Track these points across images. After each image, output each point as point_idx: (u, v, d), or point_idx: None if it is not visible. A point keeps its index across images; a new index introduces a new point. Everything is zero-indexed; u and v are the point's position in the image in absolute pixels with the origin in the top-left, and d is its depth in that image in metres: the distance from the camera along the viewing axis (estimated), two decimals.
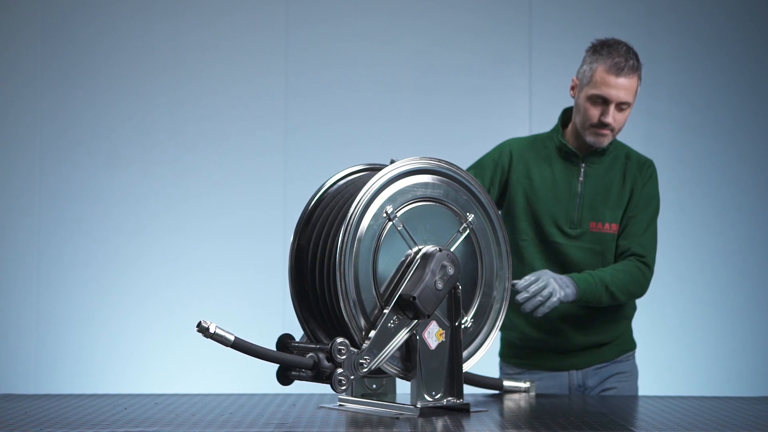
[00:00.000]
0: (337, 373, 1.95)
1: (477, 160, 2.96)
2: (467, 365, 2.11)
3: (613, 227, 2.88)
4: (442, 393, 2.05)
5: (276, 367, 2.04)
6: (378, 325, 1.98)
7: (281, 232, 4.53)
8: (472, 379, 2.35)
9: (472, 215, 2.12)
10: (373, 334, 1.98)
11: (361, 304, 1.99)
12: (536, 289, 2.60)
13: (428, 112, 4.67)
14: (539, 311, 2.61)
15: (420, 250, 2.04)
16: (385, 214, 2.02)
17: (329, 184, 2.17)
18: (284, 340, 2.09)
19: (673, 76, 4.65)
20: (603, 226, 2.88)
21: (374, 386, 2.16)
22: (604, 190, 2.89)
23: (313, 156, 4.60)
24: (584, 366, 2.89)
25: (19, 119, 4.65)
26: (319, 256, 2.06)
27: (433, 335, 2.04)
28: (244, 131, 4.65)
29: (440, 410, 2.06)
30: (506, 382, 2.43)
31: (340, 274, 1.97)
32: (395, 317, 2.00)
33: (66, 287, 4.59)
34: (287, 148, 4.64)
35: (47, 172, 4.62)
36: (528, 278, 2.62)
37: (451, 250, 2.07)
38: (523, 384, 2.45)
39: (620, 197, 2.90)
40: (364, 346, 1.97)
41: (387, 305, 2.00)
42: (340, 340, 1.96)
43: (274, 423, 1.94)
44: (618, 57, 2.77)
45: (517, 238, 2.87)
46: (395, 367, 2.03)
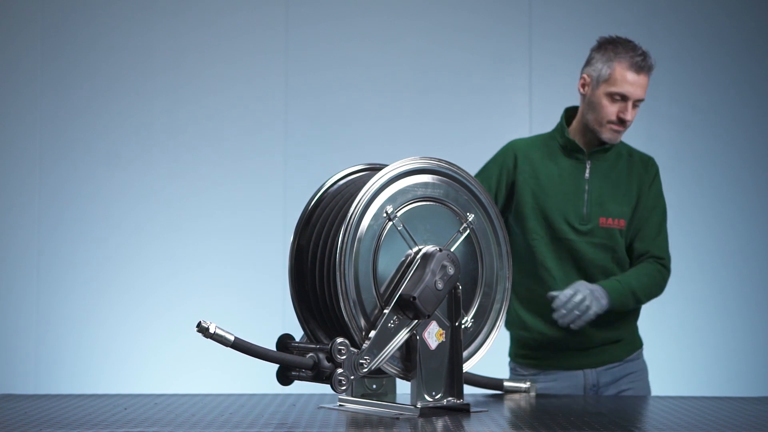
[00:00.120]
0: (337, 374, 1.95)
1: (482, 166, 2.99)
2: (467, 365, 2.11)
3: (621, 223, 2.91)
4: (442, 393, 2.05)
5: (276, 367, 2.03)
6: (378, 325, 1.98)
7: (281, 232, 4.53)
8: (473, 379, 2.35)
9: (473, 215, 2.12)
10: (373, 334, 1.98)
11: (361, 304, 1.99)
12: (573, 305, 2.68)
13: (428, 112, 4.67)
14: (575, 324, 2.70)
15: (420, 250, 2.04)
16: (385, 214, 2.02)
17: (329, 184, 2.17)
18: (284, 340, 2.09)
19: (674, 76, 4.65)
20: (612, 221, 2.91)
21: (374, 386, 2.15)
22: (611, 185, 2.92)
23: (313, 156, 4.60)
24: (598, 365, 2.91)
25: (19, 119, 4.65)
26: (319, 256, 2.05)
27: (434, 335, 2.04)
28: (244, 131, 4.65)
29: (440, 410, 2.05)
30: (506, 383, 2.42)
31: (340, 274, 1.97)
32: (395, 317, 2.00)
33: (66, 287, 4.59)
34: (287, 148, 4.64)
35: (47, 171, 4.62)
36: (566, 293, 2.70)
37: (452, 250, 2.07)
38: (524, 384, 2.45)
39: (627, 193, 2.93)
40: (364, 346, 1.97)
41: (387, 305, 2.00)
42: (340, 340, 1.95)
43: (274, 423, 1.94)
44: (637, 56, 2.83)
45: (528, 237, 2.89)
46: (395, 367, 2.03)
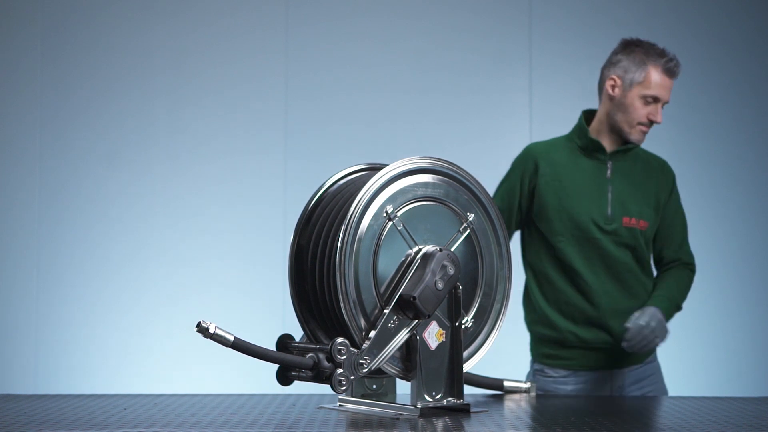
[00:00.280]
0: (337, 374, 1.94)
1: (504, 176, 3.04)
2: (467, 365, 2.10)
3: (642, 223, 2.96)
4: (443, 393, 2.04)
5: (276, 367, 2.03)
6: (378, 326, 1.98)
7: (281, 232, 4.53)
8: (473, 379, 2.35)
9: (473, 215, 2.12)
10: (373, 334, 1.97)
11: (361, 304, 1.99)
12: (643, 337, 2.79)
13: (428, 112, 4.67)
14: (638, 350, 2.82)
15: (420, 250, 2.04)
16: (385, 214, 2.02)
17: (329, 184, 2.17)
18: (284, 341, 2.09)
19: None
20: (634, 221, 2.96)
21: (374, 386, 2.15)
22: (631, 186, 2.97)
23: (313, 155, 4.60)
24: (625, 365, 2.96)
25: (19, 119, 4.65)
26: (319, 256, 2.05)
27: (434, 335, 2.04)
28: (244, 131, 4.65)
29: (440, 411, 2.05)
30: (506, 383, 2.42)
31: (340, 274, 1.96)
32: (395, 317, 2.00)
33: (66, 286, 4.59)
34: (287, 148, 4.64)
35: (47, 171, 4.62)
36: (639, 324, 2.79)
37: (452, 249, 2.07)
38: (524, 384, 2.44)
39: (646, 194, 2.99)
40: (364, 347, 1.97)
41: (387, 305, 1.99)
42: (340, 340, 1.95)
43: (273, 423, 1.93)
44: (670, 61, 2.91)
45: (552, 240, 2.93)
46: (395, 368, 2.03)
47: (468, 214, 2.11)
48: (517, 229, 3.05)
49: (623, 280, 2.94)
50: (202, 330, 1.89)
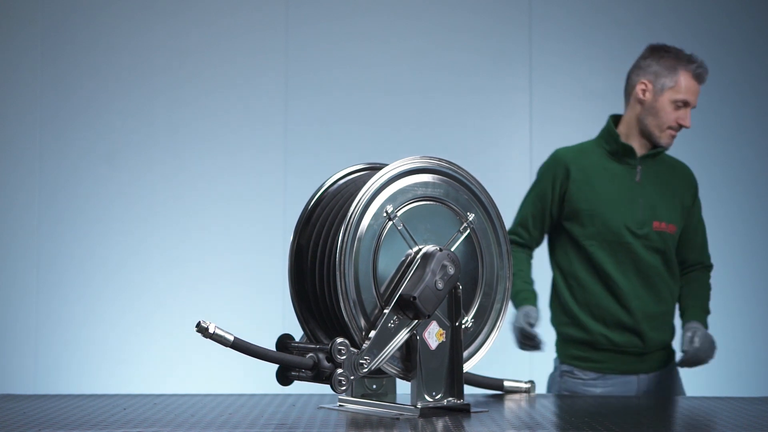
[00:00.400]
0: (337, 374, 1.94)
1: (533, 183, 3.07)
2: (468, 365, 2.10)
3: (671, 228, 3.02)
4: (443, 393, 2.04)
5: (276, 367, 2.03)
6: (378, 325, 1.97)
7: (281, 232, 4.52)
8: (473, 379, 2.35)
9: (473, 215, 2.11)
10: (373, 334, 1.97)
11: (361, 304, 1.99)
12: (696, 359, 2.92)
13: (428, 112, 4.67)
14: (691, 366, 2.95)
15: (420, 250, 2.03)
16: (385, 214, 2.02)
17: (329, 184, 2.16)
18: (284, 341, 2.08)
19: None
20: (664, 225, 3.01)
21: (374, 386, 2.15)
22: (660, 190, 3.03)
23: (313, 155, 4.60)
24: (650, 370, 3.02)
25: (19, 118, 4.65)
26: (319, 256, 2.05)
27: (434, 335, 2.03)
28: (244, 131, 4.65)
29: (440, 411, 2.05)
30: (507, 383, 2.42)
31: (340, 274, 1.96)
32: (395, 317, 1.99)
33: (66, 286, 4.59)
34: (287, 148, 4.64)
35: (47, 170, 4.61)
36: (695, 347, 2.91)
37: (452, 249, 2.06)
38: (524, 384, 2.44)
39: (673, 199, 3.04)
40: (364, 347, 1.96)
41: (387, 305, 1.99)
42: (340, 340, 1.95)
43: (273, 423, 1.93)
44: (699, 67, 3.00)
45: (584, 243, 2.97)
46: (395, 368, 2.03)
47: (468, 213, 2.11)
48: (547, 233, 3.07)
49: (653, 284, 2.98)
50: (202, 330, 1.88)
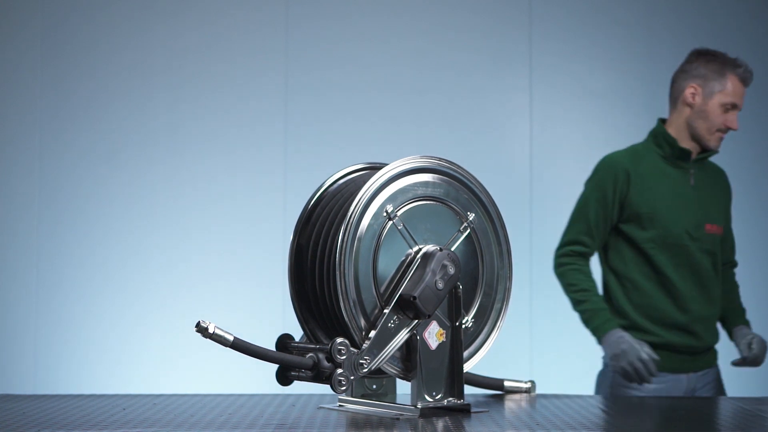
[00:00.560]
0: (337, 374, 1.94)
1: (590, 188, 3.09)
2: (468, 365, 2.10)
3: (719, 229, 3.11)
4: (443, 393, 2.04)
5: (275, 367, 2.03)
6: (378, 325, 1.97)
7: (281, 232, 4.52)
8: (473, 379, 2.34)
9: (473, 214, 2.11)
10: (373, 334, 1.97)
11: (361, 304, 1.98)
12: (755, 364, 3.03)
13: (428, 112, 4.66)
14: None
15: (420, 250, 2.03)
16: (385, 214, 2.01)
17: (329, 183, 2.16)
18: (284, 341, 2.08)
19: None
20: (715, 228, 3.10)
21: (374, 386, 2.14)
22: (709, 193, 3.11)
23: (313, 155, 4.60)
24: (698, 369, 3.09)
25: (18, 118, 4.64)
26: (319, 256, 2.04)
27: (434, 335, 2.03)
28: (244, 131, 4.65)
29: (441, 411, 2.05)
30: (507, 383, 2.41)
31: (340, 274, 1.96)
32: (395, 317, 1.99)
33: (65, 286, 4.58)
34: (287, 148, 4.64)
35: (47, 170, 4.61)
36: (754, 354, 3.00)
37: (452, 249, 2.06)
38: (524, 384, 2.44)
39: (719, 201, 3.14)
40: (364, 347, 1.96)
41: (387, 305, 1.99)
42: (340, 340, 1.95)
43: (273, 423, 1.93)
44: (745, 70, 3.09)
45: (644, 247, 3.03)
46: (395, 368, 2.02)
47: (468, 213, 2.10)
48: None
49: (705, 286, 3.06)
50: (202, 330, 1.88)
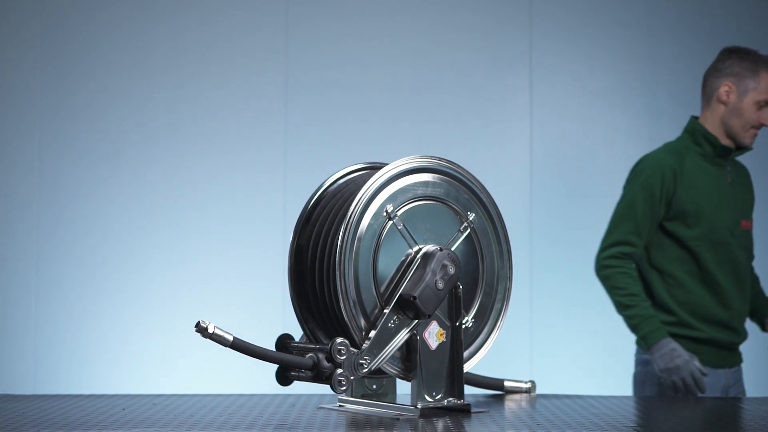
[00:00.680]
0: (337, 374, 1.94)
1: (638, 188, 3.12)
2: (468, 365, 2.10)
3: (750, 225, 3.17)
4: (443, 393, 2.04)
5: (275, 367, 2.02)
6: (378, 325, 1.97)
7: (281, 232, 4.52)
8: (473, 379, 2.34)
9: (473, 214, 2.11)
10: (373, 334, 1.96)
11: (361, 304, 1.98)
12: None
13: (428, 112, 4.66)
14: None
15: (420, 250, 2.03)
16: (385, 213, 2.01)
17: (329, 183, 2.16)
18: (283, 341, 2.08)
19: (674, 76, 4.65)
20: (749, 224, 3.15)
21: (374, 387, 2.14)
22: (742, 189, 3.17)
23: (313, 155, 4.59)
24: (734, 364, 3.18)
25: (18, 118, 4.64)
26: (319, 256, 2.04)
27: (434, 335, 2.03)
28: (244, 130, 4.64)
29: (441, 411, 2.04)
30: (507, 383, 2.41)
31: (339, 274, 1.96)
32: (395, 317, 1.99)
33: (65, 286, 4.58)
34: (287, 147, 4.63)
35: (46, 170, 4.61)
36: None
37: (452, 249, 2.06)
38: (525, 384, 2.44)
39: (748, 197, 3.20)
40: (364, 347, 1.96)
41: (387, 305, 1.99)
42: (339, 340, 1.94)
43: (273, 424, 1.93)
44: None
45: (689, 245, 3.08)
46: (395, 368, 2.02)
47: (468, 213, 2.10)
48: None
49: (743, 282, 3.12)
50: (201, 330, 1.88)
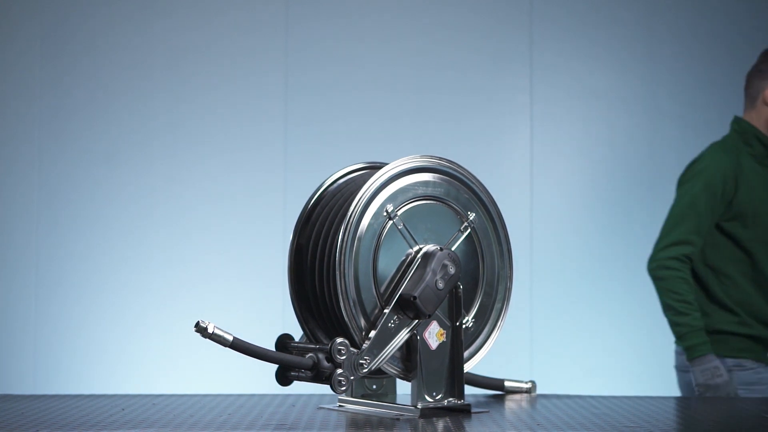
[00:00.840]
0: (337, 374, 1.93)
1: (701, 187, 3.17)
2: (468, 365, 2.09)
3: None
4: (443, 394, 2.03)
5: (275, 367, 2.02)
6: (378, 325, 1.96)
7: (280, 231, 4.51)
8: (473, 379, 2.34)
9: (473, 214, 2.10)
10: (373, 334, 1.96)
11: (361, 304, 1.98)
12: None
13: (429, 111, 4.66)
14: None
15: (420, 249, 2.02)
16: (385, 213, 2.01)
17: (329, 183, 2.15)
18: (283, 340, 2.07)
19: (674, 76, 4.65)
20: None
21: (374, 387, 2.14)
22: None
23: (313, 154, 4.59)
24: None
25: (18, 117, 4.64)
26: (319, 255, 2.04)
27: (434, 335, 2.02)
28: (244, 130, 4.64)
29: (441, 411, 2.04)
30: (507, 383, 2.41)
31: (339, 274, 1.95)
32: (396, 317, 1.98)
33: (64, 286, 4.58)
34: (287, 147, 4.63)
35: (46, 170, 4.61)
36: None
37: (452, 249, 2.05)
38: (525, 384, 2.43)
39: None
40: (364, 347, 1.96)
41: (387, 305, 1.98)
42: (339, 340, 1.94)
43: (273, 424, 1.92)
44: None
45: (746, 245, 3.13)
46: (395, 368, 2.02)
47: (469, 213, 2.10)
48: None
49: None
50: (201, 330, 1.87)
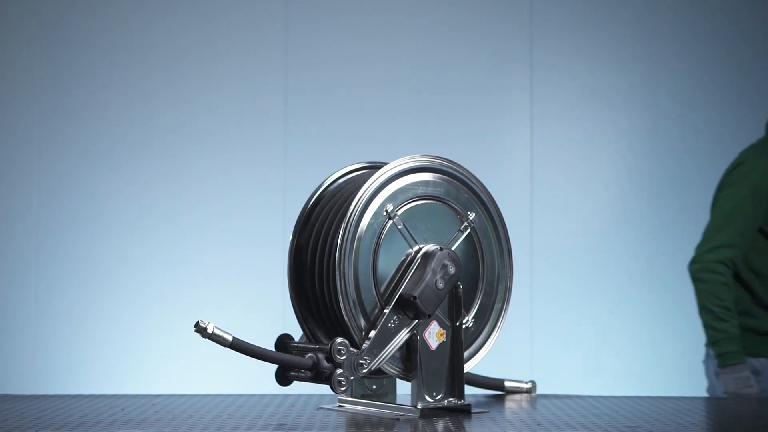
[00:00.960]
0: (337, 374, 1.93)
1: (746, 190, 3.26)
2: (468, 365, 2.09)
3: None
4: (443, 394, 2.03)
5: (275, 367, 2.02)
6: (378, 325, 1.96)
7: (280, 231, 4.51)
8: (473, 379, 2.33)
9: (474, 214, 2.10)
10: (373, 334, 1.96)
11: (361, 304, 1.97)
12: None
13: (429, 111, 4.66)
14: None
15: (420, 249, 2.02)
16: (385, 213, 2.00)
17: (329, 183, 2.15)
18: (283, 341, 2.07)
19: (674, 75, 4.64)
20: None
21: (374, 387, 2.14)
22: None
23: (313, 154, 4.59)
24: None
25: (17, 117, 4.64)
26: (319, 255, 2.04)
27: (434, 335, 2.02)
28: (244, 130, 4.64)
29: (441, 411, 2.04)
30: (508, 383, 2.41)
31: (339, 274, 1.95)
32: (395, 317, 1.98)
33: (64, 286, 4.57)
34: (287, 147, 4.63)
35: (45, 169, 4.60)
36: None
37: (452, 249, 2.05)
38: (525, 384, 2.43)
39: None
40: (364, 347, 1.95)
41: (387, 305, 1.98)
42: (339, 340, 1.94)
43: (273, 424, 1.92)
44: None
45: None
46: (395, 368, 2.02)
47: (469, 213, 2.10)
48: None
49: None
50: (201, 330, 1.87)
